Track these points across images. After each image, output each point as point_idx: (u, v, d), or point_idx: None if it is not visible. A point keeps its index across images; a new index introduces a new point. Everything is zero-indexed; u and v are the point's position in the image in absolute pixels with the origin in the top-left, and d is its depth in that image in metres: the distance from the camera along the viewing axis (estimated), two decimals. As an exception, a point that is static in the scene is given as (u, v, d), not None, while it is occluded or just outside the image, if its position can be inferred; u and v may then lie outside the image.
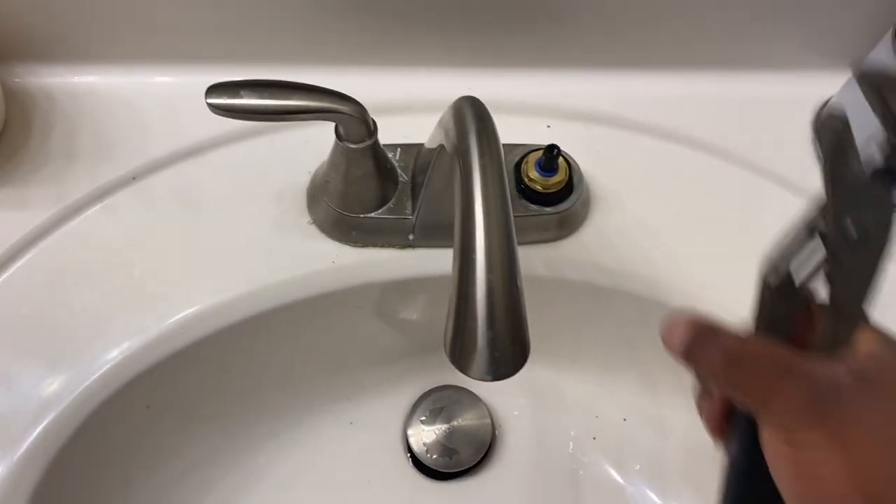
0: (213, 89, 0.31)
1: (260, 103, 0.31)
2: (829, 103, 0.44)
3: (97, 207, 0.39)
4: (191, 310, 0.37)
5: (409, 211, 0.38)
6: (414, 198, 0.38)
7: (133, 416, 0.38)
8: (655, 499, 0.44)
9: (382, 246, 0.39)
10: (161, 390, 0.38)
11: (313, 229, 0.39)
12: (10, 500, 0.33)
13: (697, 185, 0.42)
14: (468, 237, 0.26)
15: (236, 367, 0.40)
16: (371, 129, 0.34)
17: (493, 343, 0.25)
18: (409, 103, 0.42)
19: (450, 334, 0.26)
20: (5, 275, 0.37)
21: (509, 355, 0.26)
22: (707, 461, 0.43)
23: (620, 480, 0.45)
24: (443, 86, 0.43)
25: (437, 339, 0.45)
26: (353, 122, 0.33)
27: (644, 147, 0.43)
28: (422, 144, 0.38)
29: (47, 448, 0.34)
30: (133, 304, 0.37)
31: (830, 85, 0.44)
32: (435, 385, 0.47)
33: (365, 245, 0.39)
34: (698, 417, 0.29)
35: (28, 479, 0.33)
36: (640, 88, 0.45)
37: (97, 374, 0.35)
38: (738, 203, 0.42)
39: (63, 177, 0.39)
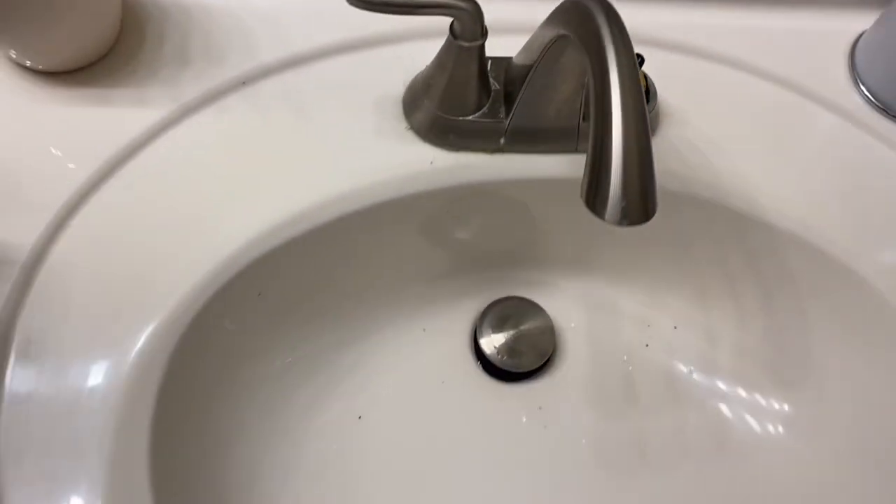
0: (354, -17, 0.34)
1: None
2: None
3: (210, 108, 0.41)
4: (299, 205, 0.40)
5: (502, 115, 0.41)
6: (507, 104, 0.41)
7: (245, 305, 0.40)
8: (710, 390, 0.48)
9: (475, 150, 0.42)
10: (270, 281, 0.41)
11: (411, 134, 0.43)
12: (145, 375, 0.36)
13: (751, 105, 0.47)
14: (606, 102, 0.30)
15: (336, 265, 0.44)
16: (483, 30, 0.37)
17: (625, 192, 0.29)
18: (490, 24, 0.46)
19: (586, 183, 0.30)
20: (128, 166, 0.39)
21: (640, 204, 0.29)
22: (757, 363, 0.48)
23: (672, 382, 0.49)
24: (520, 10, 0.46)
25: (508, 250, 0.49)
26: (471, 19, 0.36)
27: (704, 71, 0.47)
28: (510, 58, 0.42)
29: (174, 332, 0.37)
30: (246, 197, 0.40)
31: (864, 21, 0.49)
32: (503, 295, 0.51)
33: (459, 149, 0.42)
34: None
35: (156, 366, 0.36)
36: (697, 20, 0.49)
37: (215, 262, 0.38)
38: (786, 122, 0.46)
39: (177, 80, 0.41)
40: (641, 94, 0.30)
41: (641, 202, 0.29)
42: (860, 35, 0.49)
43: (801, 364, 0.46)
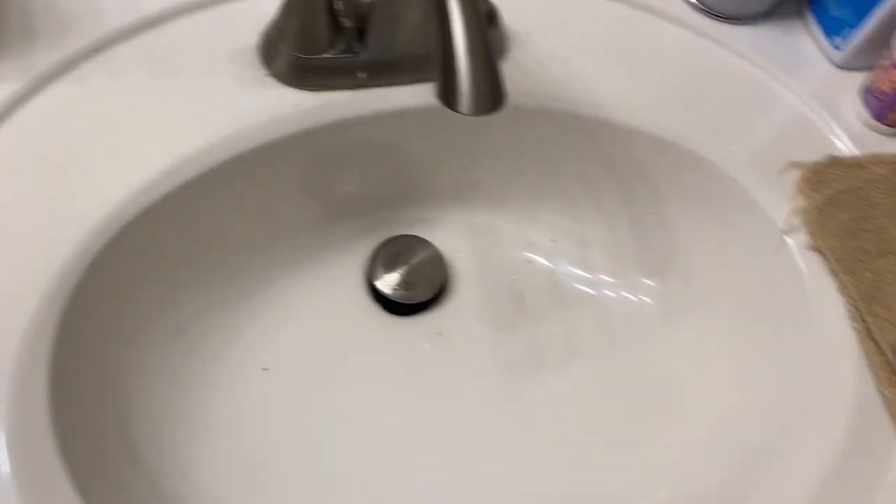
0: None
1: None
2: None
3: (65, 78, 0.41)
4: (168, 162, 0.41)
5: (358, 50, 0.43)
6: (361, 38, 0.43)
7: (132, 265, 0.41)
8: (592, 291, 0.52)
9: (338, 88, 0.44)
10: (153, 239, 0.41)
11: (272, 80, 0.44)
12: (36, 344, 0.35)
13: (590, 22, 0.50)
14: (444, 6, 0.32)
15: (219, 219, 0.44)
16: (325, -35, 0.39)
17: (473, 83, 0.31)
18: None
19: (438, 83, 0.32)
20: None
21: (489, 93, 0.32)
22: (627, 258, 0.52)
23: (556, 291, 0.53)
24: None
25: (388, 191, 0.51)
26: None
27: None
28: (359, -3, 0.44)
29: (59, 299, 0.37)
30: (112, 160, 0.40)
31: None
32: (389, 236, 0.52)
33: (322, 89, 0.44)
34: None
35: (45, 334, 0.36)
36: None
37: (86, 229, 0.38)
38: (624, 34, 0.51)
39: (27, 52, 0.41)
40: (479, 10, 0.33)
41: (490, 91, 0.32)
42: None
43: (666, 252, 0.51)
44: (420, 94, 0.46)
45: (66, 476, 0.33)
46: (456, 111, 0.32)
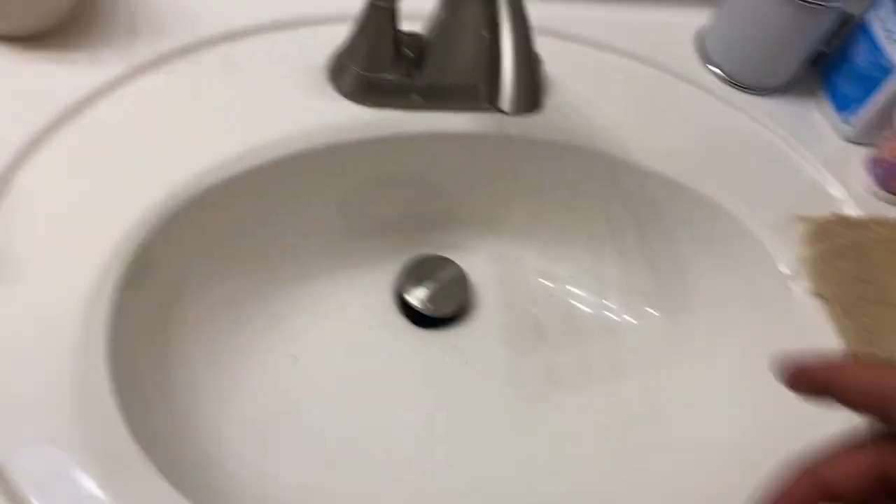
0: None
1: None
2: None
3: (157, 71, 0.47)
4: (234, 151, 0.46)
5: (415, 73, 0.49)
6: (419, 64, 0.49)
7: (189, 238, 0.45)
8: (606, 321, 0.55)
9: (393, 107, 0.49)
10: (211, 220, 0.46)
11: (336, 94, 0.49)
12: (96, 302, 0.39)
13: (620, 78, 0.56)
14: (499, 29, 0.37)
15: (270, 211, 0.49)
16: (398, -7, 0.45)
17: (517, 89, 0.36)
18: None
19: (488, 87, 0.37)
20: (85, 114, 0.44)
21: (528, 97, 0.37)
22: (640, 293, 0.55)
23: (572, 320, 0.56)
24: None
25: (425, 212, 0.55)
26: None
27: (577, 52, 0.56)
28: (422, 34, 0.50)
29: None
30: (187, 145, 0.45)
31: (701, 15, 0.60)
32: (420, 254, 0.57)
33: (378, 106, 0.49)
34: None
35: (104, 294, 0.39)
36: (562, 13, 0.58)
37: (159, 197, 0.43)
38: (650, 91, 0.56)
39: (127, 46, 0.47)
40: (526, 21, 0.38)
41: (530, 95, 0.37)
42: (703, 26, 0.60)
43: (677, 288, 0.54)
44: (465, 121, 0.51)
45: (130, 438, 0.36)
46: (498, 109, 0.36)
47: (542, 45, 0.52)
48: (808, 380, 0.27)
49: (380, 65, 0.48)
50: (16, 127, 0.42)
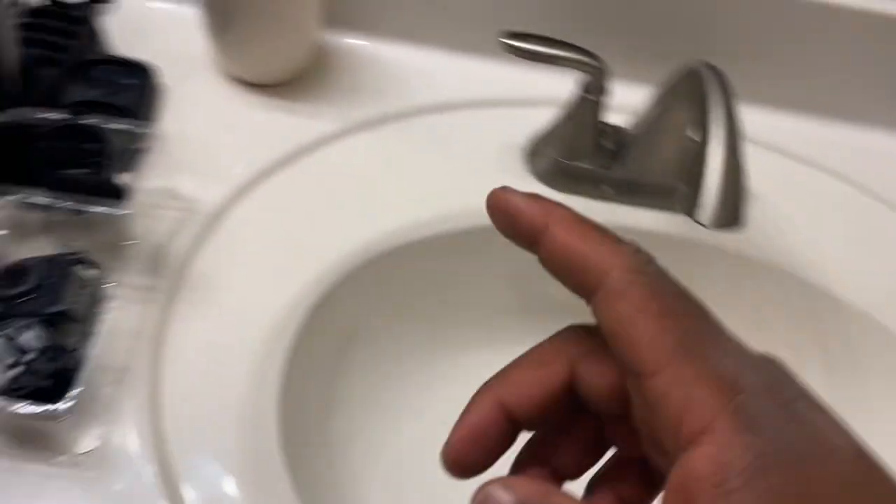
0: (511, 35, 0.43)
1: (540, 49, 0.43)
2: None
3: (367, 132, 0.50)
4: (424, 216, 0.48)
5: (610, 166, 0.49)
6: (616, 157, 0.49)
7: (369, 290, 0.47)
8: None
9: (583, 195, 0.49)
10: (393, 276, 0.48)
11: (528, 176, 0.50)
12: (283, 327, 0.42)
13: (836, 204, 0.53)
14: (707, 139, 0.37)
15: (448, 275, 0.50)
16: (605, 88, 0.45)
17: (721, 203, 0.35)
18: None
19: (688, 196, 0.36)
20: (301, 160, 0.48)
21: (730, 214, 0.35)
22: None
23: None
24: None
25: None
26: (599, 76, 0.44)
27: (791, 168, 0.54)
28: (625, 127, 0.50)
29: (316, 289, 0.44)
30: (384, 203, 0.47)
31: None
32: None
33: (569, 192, 0.49)
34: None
35: (292, 320, 0.42)
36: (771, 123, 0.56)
37: (352, 246, 0.46)
38: (868, 223, 0.52)
39: (348, 105, 0.51)
40: (738, 130, 0.37)
41: (732, 211, 0.35)
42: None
43: (861, 430, 0.49)
44: (653, 219, 0.50)
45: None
46: (697, 222, 0.35)
47: (748, 152, 0.51)
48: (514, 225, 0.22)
49: (578, 153, 0.48)
50: (242, 163, 0.47)
